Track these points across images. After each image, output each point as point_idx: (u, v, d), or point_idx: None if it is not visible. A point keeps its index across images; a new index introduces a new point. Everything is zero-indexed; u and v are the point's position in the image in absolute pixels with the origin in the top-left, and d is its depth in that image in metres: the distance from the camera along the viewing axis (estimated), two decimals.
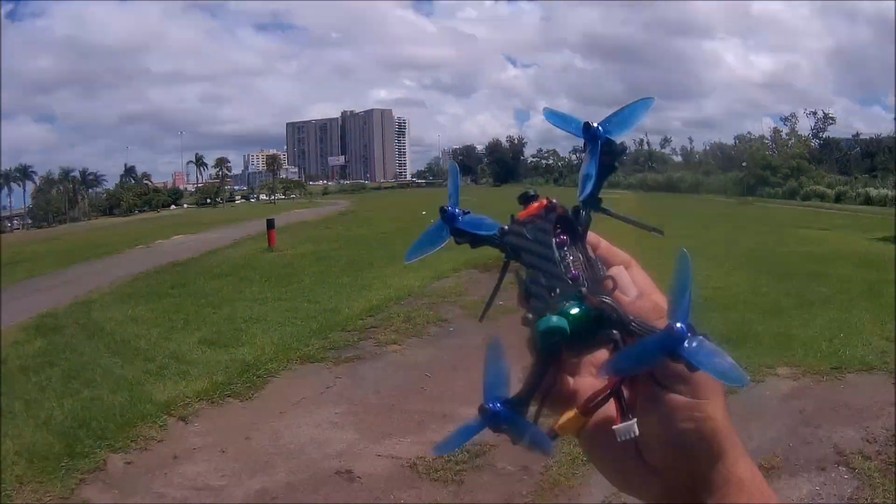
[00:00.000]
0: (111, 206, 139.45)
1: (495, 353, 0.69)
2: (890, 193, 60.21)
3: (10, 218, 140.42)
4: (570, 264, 0.62)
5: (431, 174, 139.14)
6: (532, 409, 0.63)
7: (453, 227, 0.69)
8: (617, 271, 0.63)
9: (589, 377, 0.67)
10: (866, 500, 5.12)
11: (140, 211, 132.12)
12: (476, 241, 0.69)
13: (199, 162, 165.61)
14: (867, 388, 7.49)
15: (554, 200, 0.66)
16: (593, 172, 0.64)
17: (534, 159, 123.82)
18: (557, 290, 0.59)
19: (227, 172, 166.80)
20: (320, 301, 12.42)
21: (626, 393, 0.62)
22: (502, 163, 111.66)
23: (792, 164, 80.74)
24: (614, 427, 0.59)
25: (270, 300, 12.93)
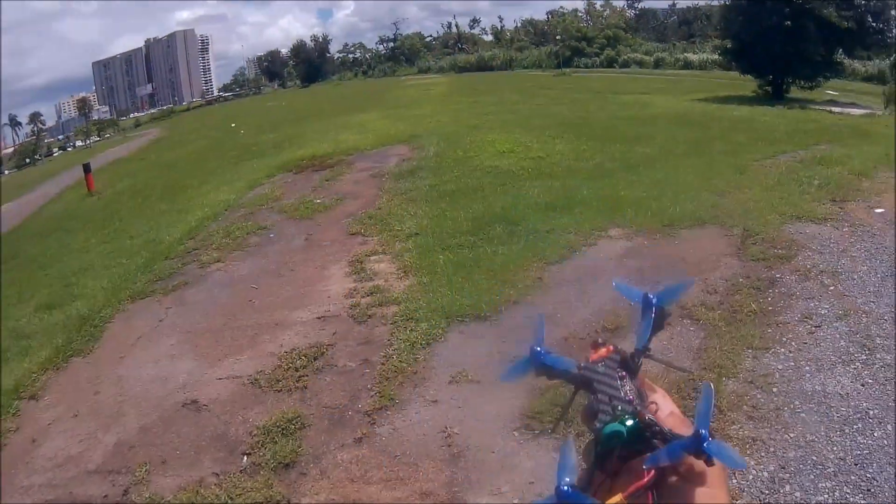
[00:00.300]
0: None
1: (567, 448, 0.86)
2: (707, 57, 62.62)
3: None
4: (628, 392, 0.85)
5: (238, 86, 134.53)
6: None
7: (539, 364, 0.93)
8: (657, 397, 0.89)
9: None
10: (715, 348, 5.37)
11: None
12: (555, 375, 0.93)
13: (14, 122, 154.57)
14: (701, 241, 7.85)
15: (620, 348, 0.91)
16: (648, 330, 0.93)
17: (340, 55, 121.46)
18: (619, 407, 0.83)
19: (41, 126, 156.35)
20: (142, 234, 11.97)
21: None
22: (309, 63, 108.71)
23: (608, 34, 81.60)
24: None
25: (95, 246, 12.33)
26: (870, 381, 4.78)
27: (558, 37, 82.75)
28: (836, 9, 27.73)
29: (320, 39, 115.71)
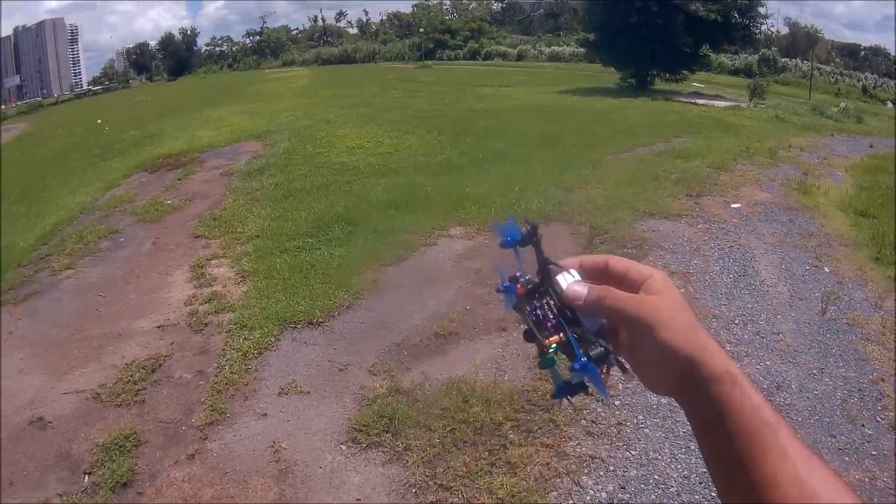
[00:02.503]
0: None
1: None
2: (572, 50, 64.01)
3: None
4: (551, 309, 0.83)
5: (107, 79, 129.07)
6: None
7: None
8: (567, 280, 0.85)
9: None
10: None
11: None
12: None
13: None
14: (546, 240, 7.80)
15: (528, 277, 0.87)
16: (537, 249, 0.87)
17: (208, 48, 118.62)
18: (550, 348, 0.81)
19: None
20: None
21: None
22: (177, 56, 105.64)
23: (472, 26, 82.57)
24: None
25: None
26: None
27: (422, 29, 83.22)
28: (703, 4, 28.72)
29: (188, 32, 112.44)
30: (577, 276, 0.84)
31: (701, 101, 25.68)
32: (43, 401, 5.58)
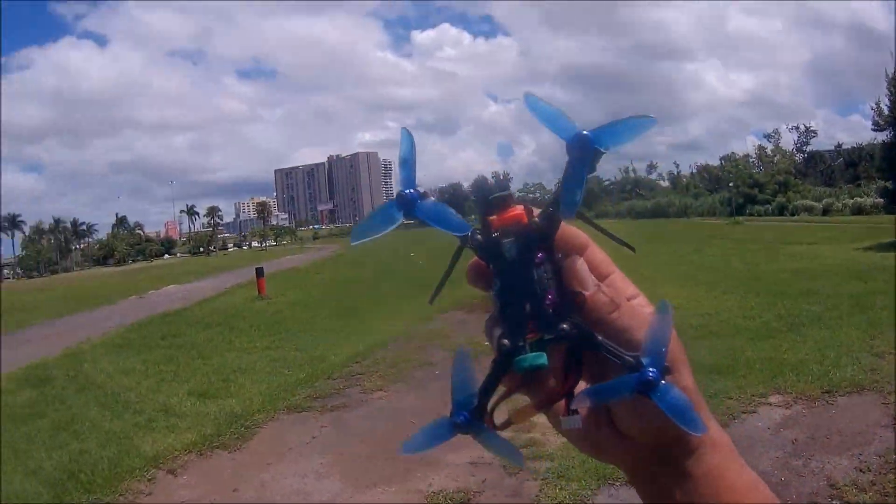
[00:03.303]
0: (104, 255, 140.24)
1: (462, 361, 0.67)
2: (872, 201, 60.82)
3: None
4: (546, 282, 0.61)
5: None
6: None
7: (411, 214, 0.62)
8: (575, 265, 0.62)
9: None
10: None
11: (133, 261, 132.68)
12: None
13: (191, 211, 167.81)
14: (858, 410, 7.32)
15: (531, 211, 0.63)
16: (581, 182, 0.60)
17: (520, 194, 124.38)
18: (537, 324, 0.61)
19: (218, 221, 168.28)
20: (307, 349, 12.39)
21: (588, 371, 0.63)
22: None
23: (778, 179, 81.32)
24: (561, 418, 0.63)
25: (259, 349, 12.92)
26: None
27: (731, 183, 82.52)
28: None
29: (501, 177, 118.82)
30: None
31: None
32: None
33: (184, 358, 12.64)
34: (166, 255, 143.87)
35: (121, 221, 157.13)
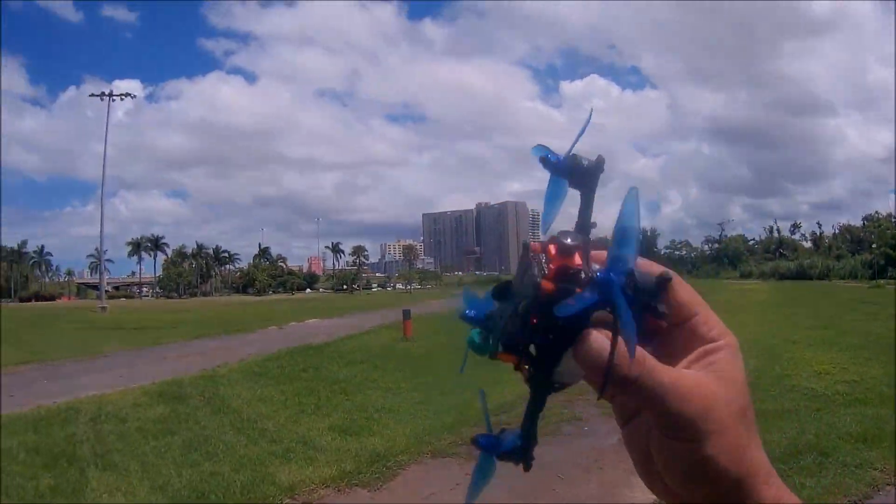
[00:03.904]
0: (245, 284, 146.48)
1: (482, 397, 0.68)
2: None
3: (139, 285, 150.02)
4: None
5: None
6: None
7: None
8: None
9: None
10: None
11: (274, 292, 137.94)
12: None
13: (336, 249, 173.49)
14: None
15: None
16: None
17: (667, 251, 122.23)
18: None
19: (363, 260, 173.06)
20: (454, 394, 12.25)
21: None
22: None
23: None
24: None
25: (404, 391, 12.93)
26: None
27: (873, 245, 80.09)
28: None
29: (648, 233, 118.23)
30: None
31: None
32: None
33: (325, 392, 12.77)
34: (308, 290, 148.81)
35: (263, 252, 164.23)
